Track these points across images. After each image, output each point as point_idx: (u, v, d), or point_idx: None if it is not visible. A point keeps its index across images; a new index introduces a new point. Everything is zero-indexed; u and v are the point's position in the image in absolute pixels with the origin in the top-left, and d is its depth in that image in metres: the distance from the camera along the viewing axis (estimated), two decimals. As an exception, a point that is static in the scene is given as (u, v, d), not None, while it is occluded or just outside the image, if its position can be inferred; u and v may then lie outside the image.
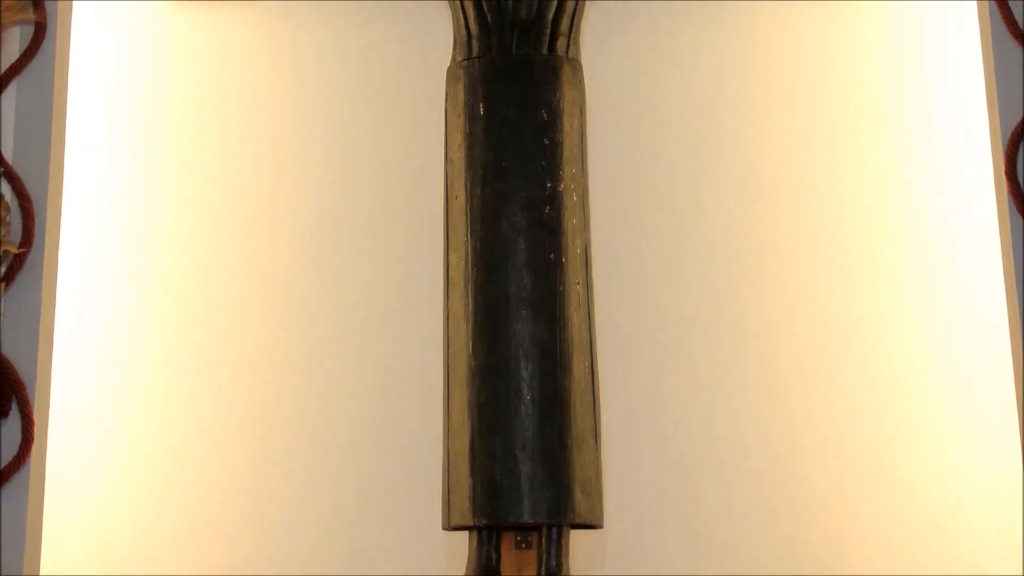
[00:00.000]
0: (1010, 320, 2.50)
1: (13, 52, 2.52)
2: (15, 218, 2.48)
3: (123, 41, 3.11)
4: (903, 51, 3.10)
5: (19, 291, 2.46)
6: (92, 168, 3.04)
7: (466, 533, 2.57)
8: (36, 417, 2.46)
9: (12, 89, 2.52)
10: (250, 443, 2.96)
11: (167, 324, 3.01)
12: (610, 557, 2.92)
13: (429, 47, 3.04)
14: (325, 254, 3.04)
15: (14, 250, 2.46)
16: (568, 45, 2.73)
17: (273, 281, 3.03)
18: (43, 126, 2.53)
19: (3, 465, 2.42)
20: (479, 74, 2.70)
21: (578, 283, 2.63)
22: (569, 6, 2.74)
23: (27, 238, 2.48)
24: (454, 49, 2.77)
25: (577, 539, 2.63)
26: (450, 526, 2.57)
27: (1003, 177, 2.51)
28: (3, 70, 2.52)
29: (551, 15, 2.71)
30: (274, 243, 3.05)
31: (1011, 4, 2.54)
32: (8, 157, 2.49)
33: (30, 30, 2.53)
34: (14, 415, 2.44)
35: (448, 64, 2.77)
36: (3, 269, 2.45)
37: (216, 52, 3.12)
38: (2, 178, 2.48)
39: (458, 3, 2.76)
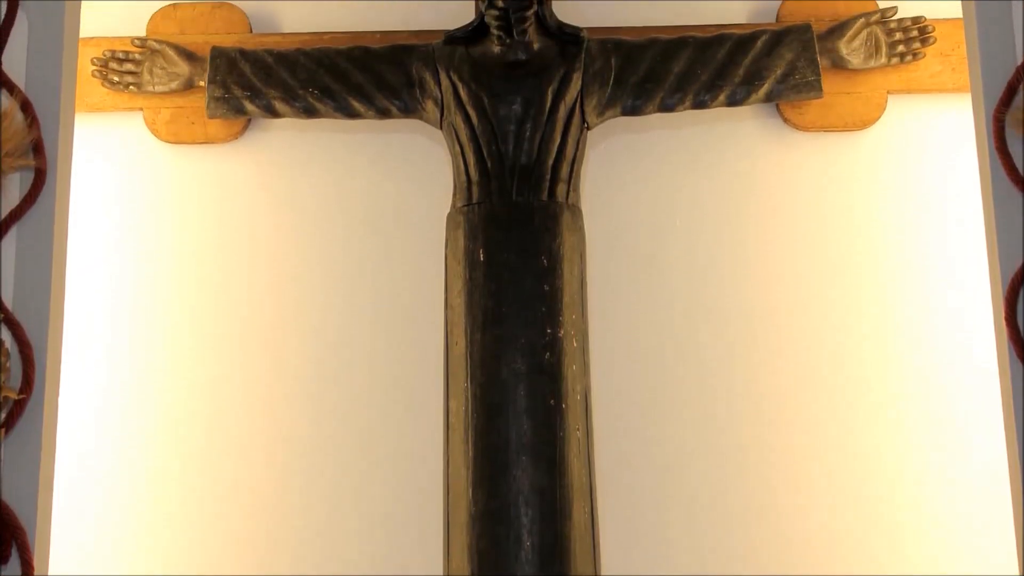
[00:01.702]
0: (1010, 466, 2.48)
1: (13, 198, 2.50)
2: (15, 364, 2.48)
3: (124, 184, 3.14)
4: (903, 195, 3.11)
5: (19, 437, 2.43)
6: (93, 311, 3.06)
7: None
8: (36, 563, 2.43)
9: (12, 235, 2.49)
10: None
11: (167, 469, 3.02)
12: None
13: (428, 193, 3.04)
14: (325, 400, 3.04)
15: (14, 396, 2.44)
16: (568, 191, 2.74)
17: (273, 427, 3.04)
18: (43, 272, 2.50)
19: (4, 611, 2.42)
20: (479, 220, 2.70)
21: (578, 429, 2.63)
22: (569, 152, 2.75)
23: (27, 384, 2.46)
24: (454, 195, 2.78)
25: None
26: (450, 674, 2.58)
27: (1003, 323, 2.48)
28: (3, 216, 2.51)
29: (551, 161, 2.72)
30: (274, 388, 3.06)
31: (1011, 150, 2.53)
32: (8, 303, 2.47)
33: (30, 176, 2.52)
34: (14, 560, 2.41)
35: (448, 210, 2.78)
36: (3, 415, 2.44)
37: (216, 195, 3.13)
38: (2, 324, 2.47)
39: (458, 149, 2.77)
